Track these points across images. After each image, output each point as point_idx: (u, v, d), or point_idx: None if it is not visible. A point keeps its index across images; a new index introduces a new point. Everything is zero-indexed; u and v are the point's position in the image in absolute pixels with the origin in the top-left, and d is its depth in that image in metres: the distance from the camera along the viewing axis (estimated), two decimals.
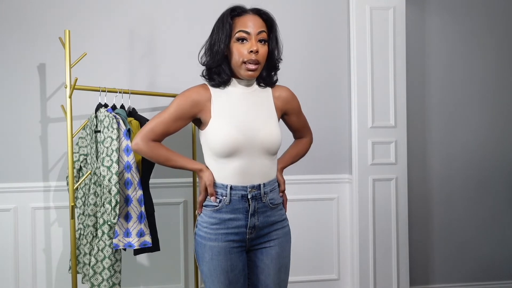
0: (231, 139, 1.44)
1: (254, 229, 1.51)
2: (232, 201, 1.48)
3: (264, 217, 1.53)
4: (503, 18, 3.04)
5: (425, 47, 2.96)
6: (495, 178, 3.04)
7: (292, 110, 1.65)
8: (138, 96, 2.49)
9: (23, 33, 2.54)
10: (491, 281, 3.04)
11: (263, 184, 1.51)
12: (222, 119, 1.48)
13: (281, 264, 1.56)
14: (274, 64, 1.56)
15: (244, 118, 1.49)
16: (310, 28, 2.78)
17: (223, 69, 1.51)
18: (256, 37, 1.47)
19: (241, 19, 1.49)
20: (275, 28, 1.54)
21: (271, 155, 1.53)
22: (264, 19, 1.51)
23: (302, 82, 2.76)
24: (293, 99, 1.65)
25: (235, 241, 1.50)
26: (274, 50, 1.53)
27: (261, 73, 1.56)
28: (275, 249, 1.55)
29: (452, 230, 3.00)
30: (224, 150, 1.45)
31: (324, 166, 2.80)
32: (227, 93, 1.53)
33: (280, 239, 1.57)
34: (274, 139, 1.50)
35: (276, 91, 1.60)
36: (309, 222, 2.78)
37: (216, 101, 1.51)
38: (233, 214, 1.49)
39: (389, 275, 2.72)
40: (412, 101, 2.91)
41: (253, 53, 1.46)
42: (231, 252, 1.50)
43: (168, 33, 2.65)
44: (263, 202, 1.52)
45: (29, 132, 2.55)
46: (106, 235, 2.03)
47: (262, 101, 1.55)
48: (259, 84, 1.58)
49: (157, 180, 2.62)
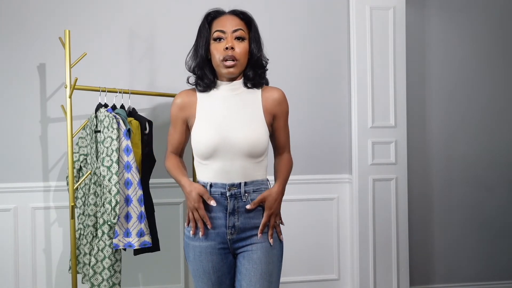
0: (209, 142, 1.48)
1: (234, 229, 1.49)
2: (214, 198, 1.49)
3: (245, 218, 1.49)
4: (503, 18, 3.04)
5: (425, 47, 2.96)
6: (495, 178, 3.04)
7: (281, 113, 1.57)
8: (138, 96, 2.49)
9: (23, 33, 2.54)
10: (491, 281, 3.04)
11: (244, 182, 1.49)
12: (203, 122, 1.52)
13: (263, 270, 1.47)
14: (258, 62, 1.54)
15: (223, 121, 1.50)
16: (310, 28, 2.78)
17: (205, 73, 1.54)
18: (232, 35, 1.49)
19: (218, 20, 1.53)
20: (254, 27, 1.54)
21: (252, 157, 1.49)
22: (241, 18, 1.53)
23: (302, 82, 2.76)
24: (284, 101, 1.57)
25: (217, 242, 1.50)
26: (254, 48, 1.52)
27: (247, 73, 1.54)
28: (256, 254, 1.48)
29: (452, 230, 3.00)
30: (203, 152, 1.49)
31: (324, 166, 2.80)
32: (211, 96, 1.56)
33: (265, 243, 1.49)
34: (251, 142, 1.46)
35: (266, 92, 1.56)
36: (309, 222, 2.78)
37: (200, 105, 1.55)
38: (214, 212, 1.50)
39: (389, 275, 2.72)
40: (412, 101, 2.91)
41: (229, 50, 1.47)
42: (212, 253, 1.50)
43: (168, 33, 2.65)
44: (244, 201, 1.49)
45: (29, 132, 2.55)
46: (106, 235, 2.03)
47: (247, 103, 1.53)
48: (246, 85, 1.55)
49: (157, 180, 2.62)
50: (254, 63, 1.54)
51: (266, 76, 1.59)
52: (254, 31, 1.54)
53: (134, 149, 2.14)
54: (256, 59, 1.53)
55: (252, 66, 1.54)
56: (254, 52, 1.53)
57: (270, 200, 1.51)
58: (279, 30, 2.72)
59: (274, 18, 2.72)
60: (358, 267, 2.71)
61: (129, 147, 2.05)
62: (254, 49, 1.53)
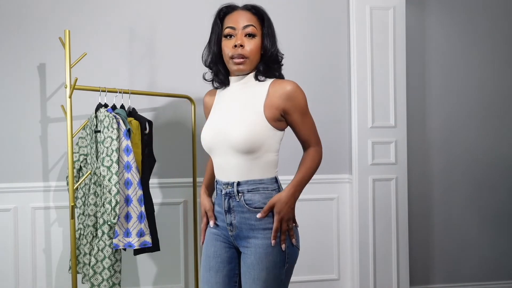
0: (205, 139, 1.52)
1: (233, 227, 1.49)
2: (217, 194, 1.55)
3: (241, 217, 1.47)
4: (502, 18, 3.03)
5: (425, 47, 2.96)
6: (495, 177, 3.04)
7: (293, 108, 1.46)
8: (138, 96, 2.49)
9: (23, 33, 2.54)
10: (491, 281, 3.04)
11: (238, 182, 1.47)
12: (208, 119, 1.57)
13: (255, 275, 1.43)
14: (272, 58, 1.51)
15: (220, 117, 1.51)
16: (310, 28, 2.78)
17: (219, 69, 1.54)
18: (242, 31, 1.47)
19: (229, 16, 1.51)
20: (266, 22, 1.51)
21: (245, 154, 1.43)
22: (253, 13, 1.50)
23: (302, 82, 2.73)
24: (295, 96, 1.45)
25: (223, 234, 1.54)
26: (267, 44, 1.49)
27: (259, 67, 1.51)
28: (250, 258, 1.45)
29: (452, 230, 3.00)
30: (204, 148, 1.53)
31: (324, 166, 2.78)
32: (225, 92, 1.57)
33: (258, 249, 1.44)
34: (245, 137, 1.40)
35: (275, 86, 1.47)
36: (309, 222, 2.78)
37: (215, 102, 1.60)
38: (219, 207, 1.54)
39: (389, 275, 2.72)
40: (412, 101, 2.91)
41: (238, 47, 1.45)
42: (217, 240, 1.54)
43: (168, 33, 2.65)
44: (237, 201, 1.47)
45: (29, 132, 2.55)
46: (106, 235, 2.03)
47: (250, 96, 1.48)
48: (257, 78, 1.51)
49: (157, 180, 2.62)
50: (268, 58, 1.50)
51: (281, 71, 1.56)
52: (267, 26, 1.51)
53: (134, 149, 2.14)
54: (270, 54, 1.50)
55: (266, 61, 1.51)
56: (268, 48, 1.49)
57: (278, 205, 1.44)
58: (279, 30, 2.70)
59: (273, 18, 2.69)
60: (358, 267, 2.71)
61: (129, 147, 2.05)
62: (267, 44, 1.49)
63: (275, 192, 1.48)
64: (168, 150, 2.65)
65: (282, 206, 1.44)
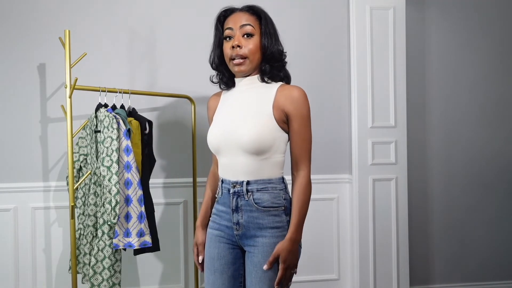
0: (211, 139, 1.52)
1: (239, 226, 1.49)
2: (223, 194, 1.53)
3: (249, 216, 1.47)
4: (502, 19, 3.03)
5: (425, 47, 2.96)
6: (495, 177, 3.04)
7: (295, 112, 1.45)
8: (138, 96, 2.49)
9: (23, 33, 2.54)
10: (491, 281, 3.04)
11: (247, 181, 1.47)
12: (214, 120, 1.56)
13: (262, 274, 1.44)
14: (273, 56, 1.50)
15: (226, 117, 1.51)
16: (310, 28, 2.78)
17: (223, 72, 1.57)
18: (239, 31, 1.48)
19: (228, 19, 1.52)
20: (264, 20, 1.52)
21: (254, 154, 1.44)
22: (251, 13, 1.51)
23: (302, 82, 2.74)
24: (300, 101, 1.45)
25: (227, 234, 1.52)
26: (266, 42, 1.49)
27: (262, 68, 1.51)
28: (257, 257, 1.45)
29: (452, 230, 3.00)
30: (210, 148, 1.54)
31: (324, 166, 2.80)
32: (230, 93, 1.57)
33: (266, 248, 1.44)
34: (248, 138, 1.41)
35: (284, 89, 1.48)
36: (309, 222, 2.77)
37: (220, 104, 1.60)
38: (224, 207, 1.53)
39: (389, 275, 2.72)
40: (412, 101, 2.91)
41: (235, 48, 1.46)
42: (220, 242, 1.53)
43: (168, 33, 2.65)
44: (246, 200, 1.47)
45: (29, 132, 2.55)
46: (106, 235, 2.03)
47: (258, 98, 1.49)
48: (263, 80, 1.52)
49: (157, 180, 2.62)
50: (269, 57, 1.50)
51: (285, 68, 1.56)
52: (265, 25, 1.51)
53: (134, 149, 2.14)
54: (270, 53, 1.50)
55: (267, 60, 1.50)
56: (267, 46, 1.49)
57: (283, 255, 1.42)
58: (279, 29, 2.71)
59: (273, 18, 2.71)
60: (358, 267, 2.71)
61: (129, 147, 2.05)
62: (266, 43, 1.49)
63: (283, 192, 1.50)
64: (168, 150, 2.65)
65: (287, 256, 1.43)
